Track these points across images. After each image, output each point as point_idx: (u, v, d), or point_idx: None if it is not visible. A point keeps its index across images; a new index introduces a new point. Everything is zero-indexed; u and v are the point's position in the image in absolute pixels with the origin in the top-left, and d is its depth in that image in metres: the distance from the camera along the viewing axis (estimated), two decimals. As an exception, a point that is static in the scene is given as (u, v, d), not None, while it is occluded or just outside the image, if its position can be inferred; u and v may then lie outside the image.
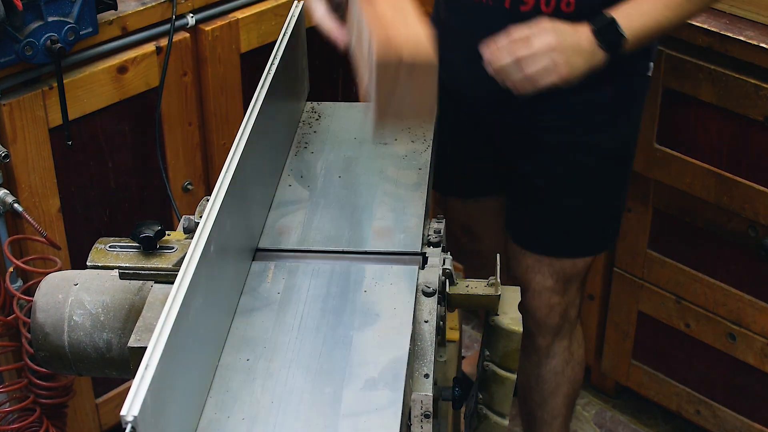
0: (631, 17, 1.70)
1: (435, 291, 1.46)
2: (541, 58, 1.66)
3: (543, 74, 1.67)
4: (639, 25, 1.71)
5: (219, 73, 2.22)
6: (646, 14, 1.71)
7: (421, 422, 1.35)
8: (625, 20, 1.70)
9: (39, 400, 2.01)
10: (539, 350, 2.09)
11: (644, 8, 1.71)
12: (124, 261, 1.45)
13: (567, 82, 1.69)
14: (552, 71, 1.67)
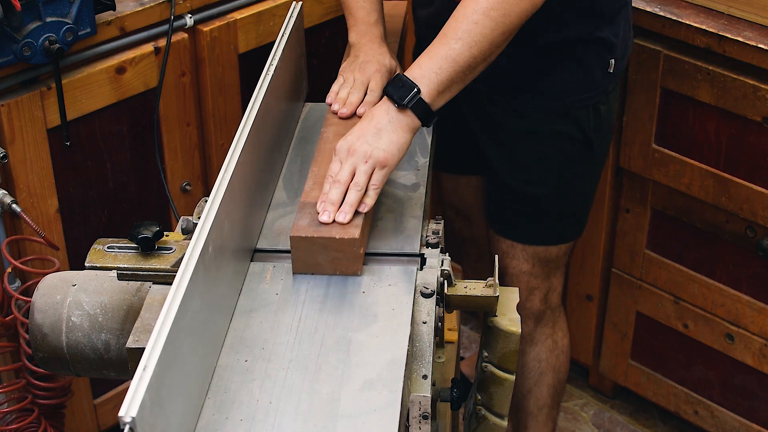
0: (420, 64, 1.59)
1: (433, 292, 1.46)
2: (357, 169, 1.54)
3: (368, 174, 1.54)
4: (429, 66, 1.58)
5: (217, 74, 2.21)
6: (433, 52, 1.59)
7: (419, 423, 1.35)
8: (415, 69, 1.60)
9: (37, 400, 2.01)
10: (522, 337, 2.08)
11: (431, 48, 1.60)
12: (123, 262, 1.45)
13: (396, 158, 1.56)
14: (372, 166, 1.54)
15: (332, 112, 1.76)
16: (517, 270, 2.03)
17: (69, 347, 1.47)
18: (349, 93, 1.77)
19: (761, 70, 1.98)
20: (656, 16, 2.07)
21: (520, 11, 1.60)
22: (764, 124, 2.02)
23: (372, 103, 1.73)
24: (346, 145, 1.56)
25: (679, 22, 2.05)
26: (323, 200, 1.52)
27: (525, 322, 2.07)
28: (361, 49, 1.81)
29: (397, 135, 1.56)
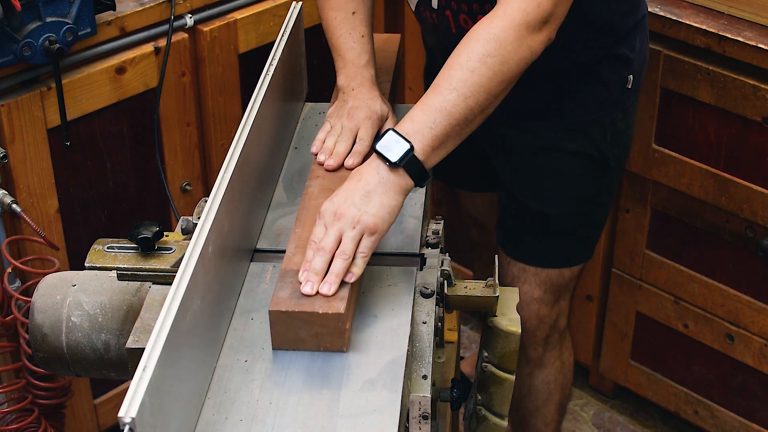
0: (412, 118, 1.45)
1: (433, 292, 1.46)
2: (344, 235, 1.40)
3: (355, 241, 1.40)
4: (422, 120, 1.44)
5: (217, 74, 2.21)
6: (427, 104, 1.45)
7: (419, 423, 1.35)
8: (406, 123, 1.45)
9: (37, 400, 2.01)
10: (531, 361, 2.07)
11: (424, 99, 1.47)
12: (122, 262, 1.45)
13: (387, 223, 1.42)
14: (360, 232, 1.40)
15: (318, 163, 1.64)
16: (528, 297, 1.97)
17: (69, 347, 1.47)
18: (336, 142, 1.65)
19: (761, 70, 1.98)
20: (656, 16, 2.07)
21: (518, 59, 1.48)
22: (764, 124, 2.02)
23: (361, 153, 1.63)
24: (332, 208, 1.41)
25: (679, 22, 2.05)
26: (306, 269, 1.37)
27: (534, 348, 2.04)
28: (350, 93, 1.70)
29: (387, 197, 1.41)
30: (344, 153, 1.64)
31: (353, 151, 1.65)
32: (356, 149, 1.65)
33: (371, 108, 1.67)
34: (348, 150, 1.65)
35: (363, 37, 1.74)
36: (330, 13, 1.76)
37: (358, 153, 1.64)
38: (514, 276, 1.97)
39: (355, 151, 1.64)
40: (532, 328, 2.01)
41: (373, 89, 1.71)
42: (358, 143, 1.65)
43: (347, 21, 1.74)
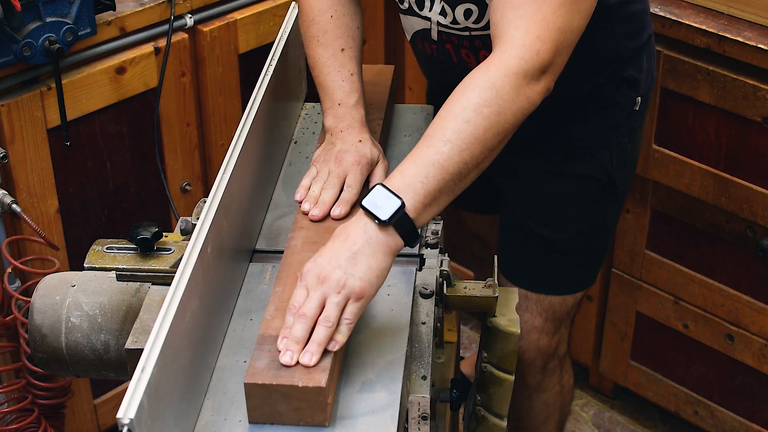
0: (403, 171, 1.34)
1: (432, 293, 1.46)
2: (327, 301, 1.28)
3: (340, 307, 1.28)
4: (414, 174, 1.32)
5: (217, 74, 2.22)
6: (419, 157, 1.34)
7: (418, 424, 1.35)
8: (396, 177, 1.34)
9: (37, 400, 2.02)
10: (529, 386, 2.03)
11: (415, 152, 1.35)
12: (122, 263, 1.45)
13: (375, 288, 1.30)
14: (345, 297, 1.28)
15: (302, 212, 1.53)
16: (528, 325, 1.91)
17: (68, 348, 1.47)
18: (323, 189, 1.54)
19: (761, 70, 1.98)
20: (656, 16, 2.07)
21: (516, 109, 1.38)
22: (764, 124, 2.01)
23: (349, 201, 1.53)
24: (316, 270, 1.28)
25: (679, 22, 2.05)
26: (285, 336, 1.26)
27: (532, 375, 1.99)
28: (338, 135, 1.60)
29: (375, 259, 1.29)
30: (330, 201, 1.53)
31: (341, 199, 1.53)
32: (344, 197, 1.53)
33: (360, 152, 1.57)
34: (335, 198, 1.53)
35: (352, 75, 1.65)
36: (317, 50, 1.67)
37: (345, 201, 1.53)
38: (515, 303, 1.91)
39: (342, 200, 1.53)
40: (530, 358, 1.96)
41: (362, 131, 1.61)
42: (346, 191, 1.54)
43: (336, 58, 1.65)
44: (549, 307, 1.91)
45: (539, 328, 1.93)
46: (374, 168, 1.60)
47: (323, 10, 1.68)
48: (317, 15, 1.68)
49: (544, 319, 1.92)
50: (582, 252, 1.90)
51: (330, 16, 1.67)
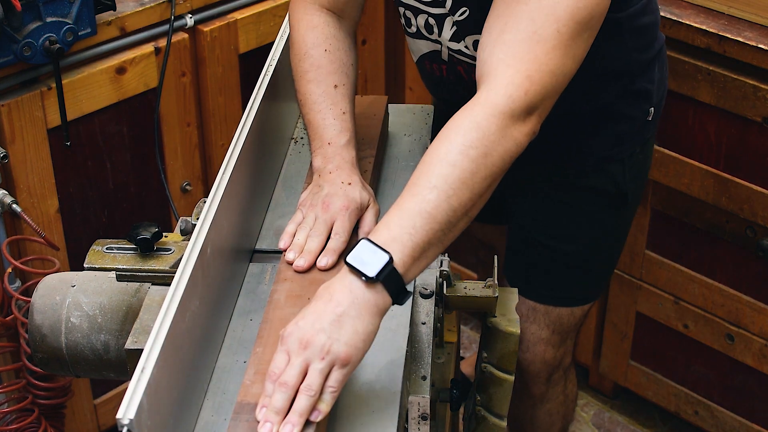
0: (388, 224, 1.26)
1: (432, 293, 1.46)
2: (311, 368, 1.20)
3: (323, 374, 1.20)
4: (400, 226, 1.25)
5: (218, 74, 2.22)
6: (404, 208, 1.26)
7: (418, 424, 1.35)
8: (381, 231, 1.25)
9: (37, 400, 2.02)
10: (533, 396, 2.01)
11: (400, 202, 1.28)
12: (122, 263, 1.45)
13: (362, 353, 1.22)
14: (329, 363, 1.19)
15: (286, 261, 1.43)
16: (535, 337, 1.89)
17: (68, 348, 1.47)
18: (308, 237, 1.44)
19: (761, 70, 1.98)
20: (656, 17, 2.07)
21: (502, 151, 1.31)
22: (764, 124, 2.01)
23: (336, 251, 1.42)
24: (298, 334, 1.19)
25: (679, 22, 2.05)
26: (264, 405, 1.18)
27: (537, 386, 1.98)
28: (327, 177, 1.49)
29: (362, 322, 1.20)
30: (316, 251, 1.42)
31: (327, 248, 1.43)
32: (330, 246, 1.42)
33: (349, 196, 1.46)
34: (321, 247, 1.43)
35: (344, 114, 1.55)
36: (309, 86, 1.57)
37: (332, 251, 1.42)
38: (522, 315, 1.87)
39: (329, 249, 1.42)
40: (535, 370, 1.94)
41: (352, 173, 1.50)
42: (333, 239, 1.43)
43: (328, 96, 1.56)
44: (557, 319, 1.89)
45: (546, 341, 1.91)
46: (364, 213, 1.49)
47: (318, 43, 1.60)
48: (311, 48, 1.59)
49: (551, 332, 1.90)
50: (592, 264, 1.88)
51: (324, 50, 1.59)
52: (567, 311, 1.89)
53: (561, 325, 1.90)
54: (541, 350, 1.92)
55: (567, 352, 1.97)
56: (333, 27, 1.62)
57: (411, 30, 1.69)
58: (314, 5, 1.64)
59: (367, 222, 1.49)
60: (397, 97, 2.74)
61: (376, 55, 2.59)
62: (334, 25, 1.63)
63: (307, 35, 1.61)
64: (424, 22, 1.64)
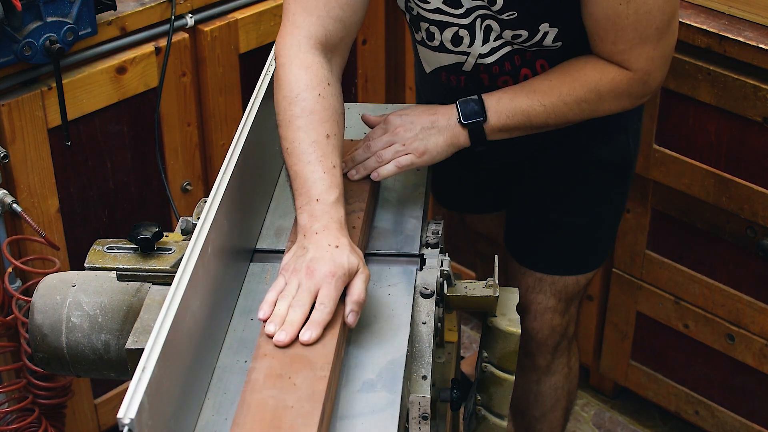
0: (500, 100, 1.61)
1: (433, 293, 1.46)
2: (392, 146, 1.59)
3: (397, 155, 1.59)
4: (506, 108, 1.60)
5: (218, 74, 2.22)
6: (518, 100, 1.60)
7: (419, 424, 1.35)
8: (493, 101, 1.60)
9: (38, 400, 2.02)
10: (539, 369, 2.05)
11: (518, 94, 1.61)
12: (122, 262, 1.45)
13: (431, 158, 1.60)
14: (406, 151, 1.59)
15: (266, 334, 1.29)
16: (542, 306, 1.95)
17: (69, 348, 1.47)
18: (290, 307, 1.31)
19: (762, 70, 1.98)
20: (657, 16, 2.07)
21: (606, 110, 1.62)
22: (765, 124, 2.01)
23: (320, 323, 1.29)
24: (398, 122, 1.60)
25: (679, 21, 2.05)
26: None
27: (543, 356, 2.02)
28: (312, 238, 1.37)
29: (443, 139, 1.59)
30: (299, 323, 1.29)
31: (311, 320, 1.29)
32: (315, 318, 1.29)
33: (336, 261, 1.33)
34: (304, 318, 1.30)
35: (335, 167, 1.44)
36: (298, 133, 1.45)
37: (316, 323, 1.29)
38: (529, 286, 1.94)
39: (313, 321, 1.29)
40: (543, 338, 1.99)
41: (340, 234, 1.38)
42: (318, 310, 1.30)
43: (319, 146, 1.44)
44: (563, 288, 1.94)
45: (552, 308, 1.95)
46: (352, 280, 1.34)
47: (312, 86, 1.48)
48: (303, 91, 1.48)
49: (558, 300, 1.95)
50: (598, 234, 1.93)
51: (318, 95, 1.48)
52: (572, 280, 1.94)
53: (567, 293, 1.95)
54: (548, 318, 1.96)
55: (571, 320, 2.02)
56: (326, 69, 1.52)
57: (433, 44, 1.68)
58: (308, 40, 1.53)
59: (355, 290, 1.33)
60: (397, 97, 2.74)
61: (376, 55, 2.59)
62: (327, 66, 1.53)
63: (300, 76, 1.49)
64: (452, 35, 1.64)
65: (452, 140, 1.59)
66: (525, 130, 1.62)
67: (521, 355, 2.01)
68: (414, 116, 1.60)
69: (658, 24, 1.54)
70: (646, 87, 1.61)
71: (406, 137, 1.58)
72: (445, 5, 1.60)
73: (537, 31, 1.59)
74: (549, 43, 1.61)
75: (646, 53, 1.56)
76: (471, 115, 1.59)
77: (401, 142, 1.57)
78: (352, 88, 2.56)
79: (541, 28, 1.59)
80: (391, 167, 1.58)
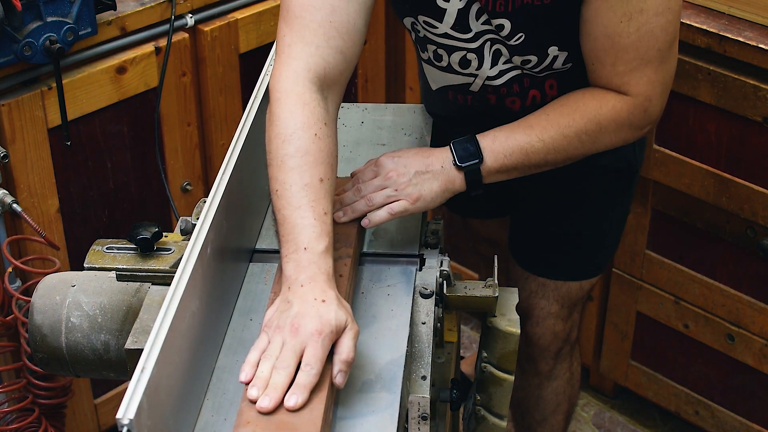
0: (496, 139, 1.53)
1: (432, 293, 1.46)
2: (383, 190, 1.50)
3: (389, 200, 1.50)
4: (503, 147, 1.53)
5: (218, 74, 2.22)
6: (514, 137, 1.53)
7: (418, 424, 1.35)
8: (488, 141, 1.53)
9: (38, 400, 2.02)
10: (541, 373, 2.04)
11: (514, 131, 1.54)
12: (122, 263, 1.45)
13: (425, 205, 1.52)
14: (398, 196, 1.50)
15: (248, 399, 1.20)
16: (545, 312, 1.93)
17: (68, 348, 1.47)
18: (274, 369, 1.21)
19: (762, 70, 1.98)
20: (657, 16, 2.06)
21: (608, 143, 1.56)
22: (765, 124, 2.01)
23: (307, 386, 1.20)
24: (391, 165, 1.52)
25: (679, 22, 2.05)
26: None
27: (545, 361, 2.01)
28: (297, 291, 1.26)
29: (438, 184, 1.51)
30: (283, 386, 1.20)
31: (296, 383, 1.20)
32: (300, 381, 1.20)
33: (323, 318, 1.23)
34: (289, 381, 1.20)
35: (326, 214, 1.34)
36: (290, 174, 1.35)
37: (302, 387, 1.19)
38: (532, 291, 1.93)
39: (298, 384, 1.20)
40: (545, 343, 1.98)
41: (327, 287, 1.27)
42: (303, 372, 1.21)
43: (311, 190, 1.34)
44: (566, 293, 1.93)
45: (555, 314, 1.94)
46: (340, 338, 1.25)
47: (309, 125, 1.38)
48: (299, 129, 1.38)
49: (560, 306, 1.93)
50: (603, 239, 1.91)
51: (314, 134, 1.38)
52: (576, 285, 1.92)
53: (570, 298, 1.93)
54: (551, 324, 1.94)
55: (574, 325, 2.00)
56: (323, 107, 1.42)
57: (440, 64, 1.66)
58: (306, 73, 1.43)
59: (344, 348, 1.24)
60: (397, 97, 2.74)
61: (376, 55, 2.59)
62: (324, 105, 1.43)
63: (296, 113, 1.39)
64: (460, 58, 1.61)
65: (447, 185, 1.52)
66: (523, 170, 1.56)
67: (523, 359, 2.01)
68: (407, 159, 1.51)
69: (660, 45, 1.49)
70: (647, 115, 1.55)
71: (399, 182, 1.49)
72: (453, 30, 1.56)
73: (546, 55, 1.56)
74: (559, 66, 1.58)
75: (647, 76, 1.51)
76: (467, 158, 1.52)
77: (394, 187, 1.49)
78: (352, 88, 2.56)
79: (550, 51, 1.56)
80: (383, 213, 1.49)
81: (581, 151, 1.56)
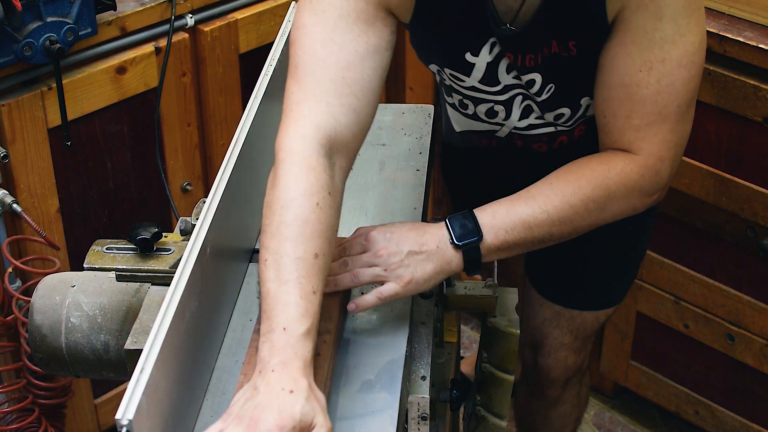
0: (496, 213, 1.39)
1: (432, 293, 1.46)
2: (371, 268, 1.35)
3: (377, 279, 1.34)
4: (503, 222, 1.38)
5: (218, 74, 2.22)
6: (516, 210, 1.39)
7: (418, 424, 1.35)
8: (487, 216, 1.39)
9: (38, 400, 2.02)
10: (548, 398, 2.00)
11: (515, 204, 1.40)
12: (121, 263, 1.45)
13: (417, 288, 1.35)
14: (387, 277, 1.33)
15: None
16: (557, 342, 1.88)
17: (68, 348, 1.47)
18: None
19: (762, 70, 1.98)
20: (657, 17, 2.06)
21: (617, 212, 1.43)
22: (765, 124, 2.01)
23: None
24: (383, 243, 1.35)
25: (679, 22, 2.05)
26: None
27: (554, 389, 1.97)
28: (267, 376, 1.15)
29: (432, 266, 1.35)
30: None
31: None
32: None
33: (287, 411, 1.11)
34: None
35: (314, 293, 1.22)
36: (285, 244, 1.24)
37: None
38: (546, 319, 1.87)
39: None
40: (555, 375, 1.93)
41: (300, 376, 1.16)
42: None
43: (303, 264, 1.23)
44: (581, 324, 1.86)
45: (568, 346, 1.89)
46: None
47: (312, 192, 1.27)
48: (300, 196, 1.27)
49: (574, 337, 1.88)
50: (625, 270, 1.86)
51: (316, 204, 1.27)
52: (592, 316, 1.86)
53: (585, 330, 1.88)
54: (563, 356, 1.89)
55: (586, 356, 1.96)
56: (329, 174, 1.31)
57: (466, 112, 1.60)
58: (314, 133, 1.32)
59: None
60: (397, 97, 2.74)
61: (376, 54, 2.59)
62: (330, 172, 1.32)
63: (300, 177, 1.29)
64: (486, 109, 1.56)
65: (443, 267, 1.36)
66: (526, 246, 1.41)
67: (532, 383, 1.98)
68: (400, 237, 1.35)
69: (680, 101, 1.39)
70: (657, 179, 1.42)
71: (389, 262, 1.33)
72: (481, 84, 1.49)
73: (579, 106, 1.50)
74: (591, 113, 1.52)
75: (663, 134, 1.40)
76: (465, 236, 1.36)
77: (383, 267, 1.33)
78: (353, 88, 2.56)
79: (583, 102, 1.50)
80: (371, 299, 1.33)
81: (588, 222, 1.42)
